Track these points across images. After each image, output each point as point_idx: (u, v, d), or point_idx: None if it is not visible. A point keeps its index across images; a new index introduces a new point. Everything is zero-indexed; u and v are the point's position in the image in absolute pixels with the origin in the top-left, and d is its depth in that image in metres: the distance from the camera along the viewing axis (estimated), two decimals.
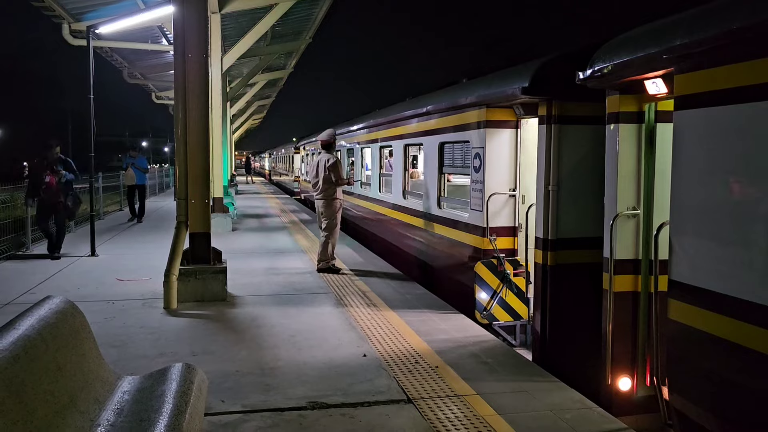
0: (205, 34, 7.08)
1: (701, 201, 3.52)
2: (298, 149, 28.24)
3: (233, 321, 6.14)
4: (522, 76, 5.82)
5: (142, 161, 15.34)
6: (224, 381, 4.44)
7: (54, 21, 12.24)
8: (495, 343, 5.49)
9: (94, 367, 2.91)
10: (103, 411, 2.72)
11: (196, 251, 6.98)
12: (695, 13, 3.62)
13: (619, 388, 4.59)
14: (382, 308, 6.62)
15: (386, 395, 4.24)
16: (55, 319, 2.72)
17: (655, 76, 4.07)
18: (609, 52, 4.36)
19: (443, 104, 8.01)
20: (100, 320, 6.00)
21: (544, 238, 5.60)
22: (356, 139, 13.93)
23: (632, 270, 4.57)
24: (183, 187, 6.94)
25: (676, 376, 3.75)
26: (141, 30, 14.15)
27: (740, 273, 3.21)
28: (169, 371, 3.08)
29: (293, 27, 18.68)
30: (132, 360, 4.90)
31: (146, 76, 21.07)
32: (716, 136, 3.42)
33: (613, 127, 4.56)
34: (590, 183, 5.39)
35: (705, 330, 3.42)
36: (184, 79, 6.87)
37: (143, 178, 15.08)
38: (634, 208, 4.52)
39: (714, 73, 3.39)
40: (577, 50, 5.37)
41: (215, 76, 13.32)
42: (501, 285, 6.32)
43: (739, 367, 3.22)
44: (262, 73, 23.10)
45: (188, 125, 6.88)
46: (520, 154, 6.64)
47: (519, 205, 6.63)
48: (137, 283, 7.84)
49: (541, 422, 3.85)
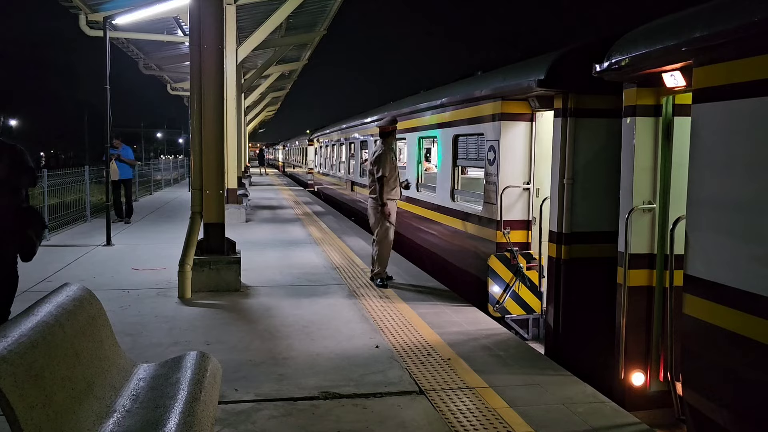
0: (220, 25, 7.10)
1: (719, 195, 3.47)
2: (312, 141, 28.27)
3: (247, 311, 6.20)
4: (538, 69, 5.77)
5: (128, 152, 12.99)
6: (238, 370, 4.49)
7: (71, 12, 12.33)
8: (507, 336, 5.49)
9: (111, 354, 2.95)
10: (120, 397, 2.76)
11: (210, 242, 7.04)
12: (715, 5, 3.56)
13: (632, 382, 4.57)
14: (394, 300, 6.64)
15: (398, 386, 4.25)
16: (73, 306, 2.76)
17: (673, 69, 4.02)
18: (626, 44, 4.31)
19: (458, 97, 7.97)
20: (115, 308, 6.09)
21: (558, 231, 5.57)
22: (370, 132, 13.92)
23: (647, 265, 4.53)
24: (198, 177, 6.99)
25: (690, 371, 3.72)
26: (157, 21, 14.21)
27: (757, 268, 3.17)
28: (183, 359, 3.12)
29: (308, 19, 18.64)
30: (147, 348, 4.97)
31: (162, 67, 21.19)
32: (736, 130, 3.37)
33: (629, 121, 4.51)
34: (605, 176, 5.34)
35: (720, 325, 3.39)
36: (199, 71, 6.90)
37: (129, 172, 12.91)
38: (650, 202, 4.48)
39: (734, 65, 3.33)
40: (593, 43, 5.32)
41: (230, 68, 13.34)
42: (514, 278, 6.31)
43: (755, 363, 3.19)
44: (276, 65, 23.08)
45: (203, 116, 6.92)
46: (535, 147, 6.59)
47: (533, 199, 6.59)
48: (152, 272, 7.93)
49: (554, 415, 3.85)
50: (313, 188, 26.58)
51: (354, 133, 16.11)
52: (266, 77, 25.87)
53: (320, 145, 24.73)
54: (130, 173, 12.96)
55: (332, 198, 20.56)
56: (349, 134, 16.99)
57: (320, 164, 24.69)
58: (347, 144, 17.42)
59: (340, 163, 19.00)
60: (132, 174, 13.23)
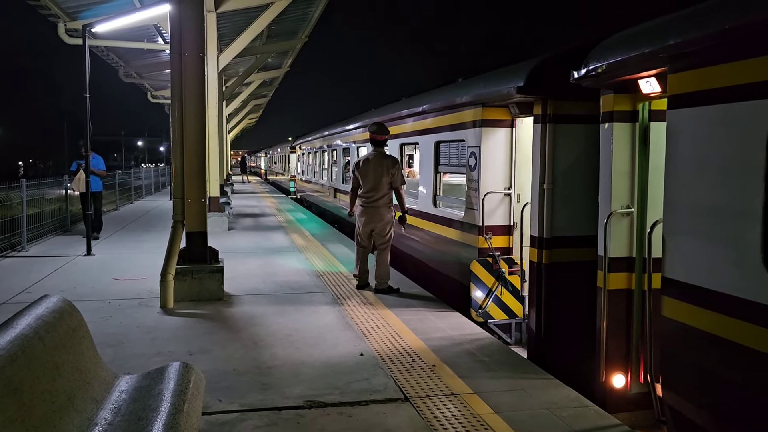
0: (201, 33, 7.08)
1: (694, 199, 3.55)
2: (294, 149, 28.22)
3: (230, 320, 6.16)
4: (517, 76, 5.84)
5: (98, 161, 11.59)
6: (221, 380, 4.46)
7: (50, 20, 12.21)
8: (491, 341, 5.52)
9: (92, 366, 2.92)
10: (101, 410, 2.73)
11: (192, 250, 6.99)
12: (688, 13, 3.65)
13: (613, 385, 4.62)
14: (378, 307, 6.64)
15: (383, 394, 4.26)
16: (53, 318, 2.73)
17: (648, 76, 4.10)
18: (603, 51, 4.39)
19: (439, 103, 8.03)
20: (96, 319, 6.01)
21: (539, 236, 5.63)
22: (352, 139, 13.95)
23: (626, 268, 4.60)
24: (179, 186, 6.95)
25: (669, 372, 3.78)
26: (137, 29, 14.13)
27: (732, 270, 3.24)
28: (166, 370, 3.10)
29: (289, 26, 18.67)
30: (129, 359, 4.91)
31: (142, 75, 21.04)
32: (708, 135, 3.45)
33: (607, 126, 4.59)
34: (585, 181, 5.42)
35: (698, 327, 3.45)
36: (180, 78, 6.87)
37: (99, 184, 11.63)
38: (628, 207, 4.55)
39: (706, 72, 3.42)
40: (571, 50, 5.40)
41: (211, 75, 13.31)
42: (496, 283, 6.35)
43: (732, 363, 3.26)
44: (258, 72, 23.07)
45: (184, 124, 6.88)
46: (516, 152, 6.67)
47: (514, 204, 6.66)
48: (134, 282, 7.84)
49: (539, 420, 3.87)
50: (296, 195, 26.52)
51: (336, 140, 16.13)
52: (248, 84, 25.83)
53: (303, 153, 24.69)
54: (100, 185, 11.82)
55: (315, 205, 20.52)
56: (331, 141, 17.00)
57: (303, 171, 24.65)
58: (330, 151, 17.42)
59: (322, 170, 19.00)
60: (102, 186, 12.05)
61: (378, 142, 7.34)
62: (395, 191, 7.22)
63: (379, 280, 7.28)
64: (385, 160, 7.21)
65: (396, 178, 7.15)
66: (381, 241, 7.27)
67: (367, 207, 7.23)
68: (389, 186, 7.16)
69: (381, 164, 7.16)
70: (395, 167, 7.17)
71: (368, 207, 7.22)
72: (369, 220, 7.24)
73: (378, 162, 7.19)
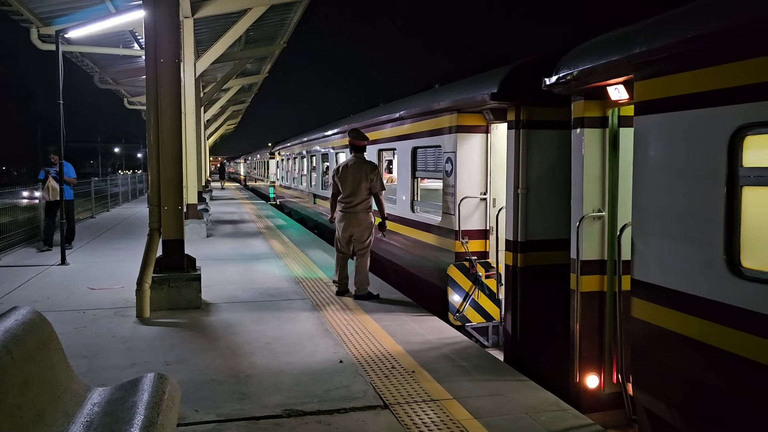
0: (177, 39, 7.04)
1: (660, 203, 3.63)
2: (274, 155, 28.11)
3: (208, 329, 6.11)
4: (491, 82, 5.92)
5: (68, 168, 11.04)
6: (198, 390, 4.43)
7: (23, 25, 12.01)
8: (468, 345, 5.57)
9: (63, 380, 2.89)
10: (72, 424, 2.70)
11: (169, 258, 6.93)
12: (653, 22, 3.75)
13: (586, 385, 4.70)
14: (357, 313, 6.65)
15: (362, 401, 4.26)
16: (22, 331, 2.69)
17: (617, 83, 4.20)
18: (573, 59, 4.48)
19: (416, 109, 8.09)
20: (70, 330, 5.92)
21: (514, 240, 5.70)
22: (331, 144, 13.96)
23: (598, 270, 4.68)
24: (155, 193, 6.88)
25: (639, 372, 3.86)
26: (112, 34, 13.95)
27: (697, 272, 3.33)
28: (140, 382, 3.07)
29: (267, 32, 18.60)
30: (103, 371, 4.85)
31: (118, 81, 20.78)
32: (673, 141, 3.54)
33: (578, 132, 4.67)
34: (558, 186, 5.50)
35: (666, 327, 3.54)
36: (156, 84, 6.82)
37: (69, 192, 11.27)
38: (600, 210, 4.64)
39: (670, 80, 3.51)
40: (544, 57, 5.49)
41: (188, 81, 13.22)
42: (473, 287, 6.41)
43: (699, 362, 3.34)
44: (236, 78, 22.94)
45: (160, 130, 6.83)
46: (491, 158, 6.75)
47: (490, 209, 6.73)
48: (109, 291, 7.74)
49: (518, 425, 3.89)
50: (276, 201, 26.40)
51: (315, 146, 16.11)
52: (226, 90, 25.66)
53: (282, 159, 24.61)
54: (71, 193, 11.55)
55: (295, 211, 20.46)
56: (310, 147, 16.98)
57: (282, 177, 24.56)
58: (309, 157, 17.40)
59: (302, 176, 18.96)
60: (72, 194, 11.82)
61: (357, 147, 7.36)
62: (374, 197, 7.25)
63: (358, 286, 7.29)
64: (364, 165, 7.24)
65: (375, 184, 7.17)
66: (360, 246, 7.28)
67: (346, 212, 7.25)
68: (368, 191, 7.18)
69: (360, 170, 7.18)
70: (374, 173, 7.20)
71: (347, 212, 7.23)
72: (348, 225, 7.25)
73: (357, 168, 7.21)
